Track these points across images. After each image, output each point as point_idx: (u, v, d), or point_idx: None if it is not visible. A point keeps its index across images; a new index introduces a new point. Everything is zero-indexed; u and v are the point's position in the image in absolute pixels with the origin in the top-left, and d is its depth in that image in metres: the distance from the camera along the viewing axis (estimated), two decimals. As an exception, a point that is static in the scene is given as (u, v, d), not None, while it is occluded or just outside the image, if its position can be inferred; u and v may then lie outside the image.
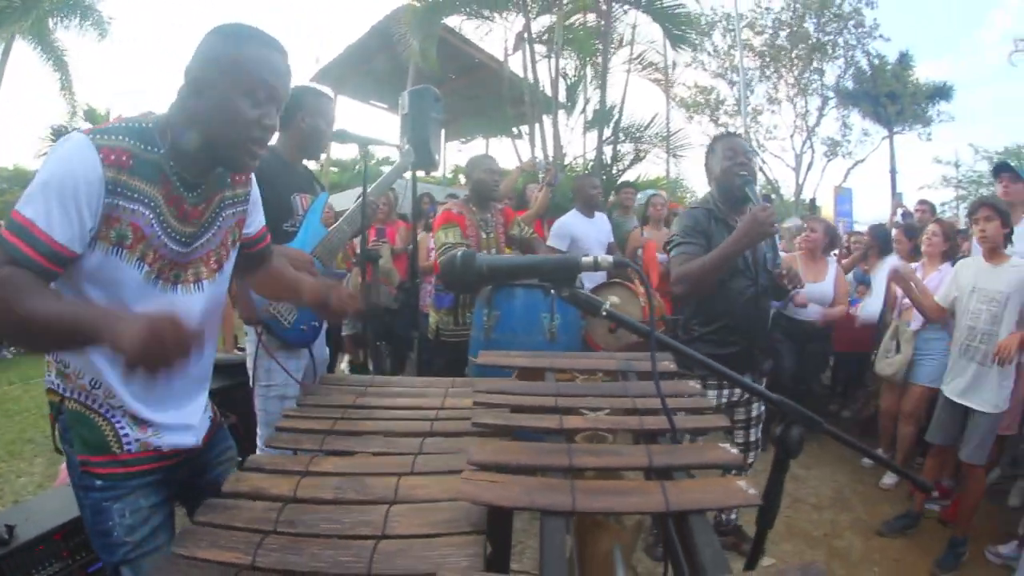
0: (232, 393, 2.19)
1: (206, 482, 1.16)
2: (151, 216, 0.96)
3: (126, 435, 1.03)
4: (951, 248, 3.01)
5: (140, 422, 1.03)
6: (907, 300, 2.94)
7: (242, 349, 2.18)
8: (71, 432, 1.03)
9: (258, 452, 1.73)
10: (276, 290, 1.43)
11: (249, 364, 1.83)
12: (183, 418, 1.11)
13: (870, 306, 3.55)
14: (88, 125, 14.89)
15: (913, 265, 3.16)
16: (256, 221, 1.25)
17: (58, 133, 13.46)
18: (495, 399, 1.18)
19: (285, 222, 1.80)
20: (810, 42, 16.00)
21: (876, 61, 15.98)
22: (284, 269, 1.39)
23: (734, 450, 0.92)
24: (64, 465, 2.39)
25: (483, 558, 0.72)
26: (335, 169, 13.97)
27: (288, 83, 1.04)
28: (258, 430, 1.83)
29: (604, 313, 0.90)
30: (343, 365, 4.37)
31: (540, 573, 0.63)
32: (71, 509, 1.82)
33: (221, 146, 0.99)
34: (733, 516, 2.35)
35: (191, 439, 1.11)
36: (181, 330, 0.79)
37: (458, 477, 0.83)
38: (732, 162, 2.01)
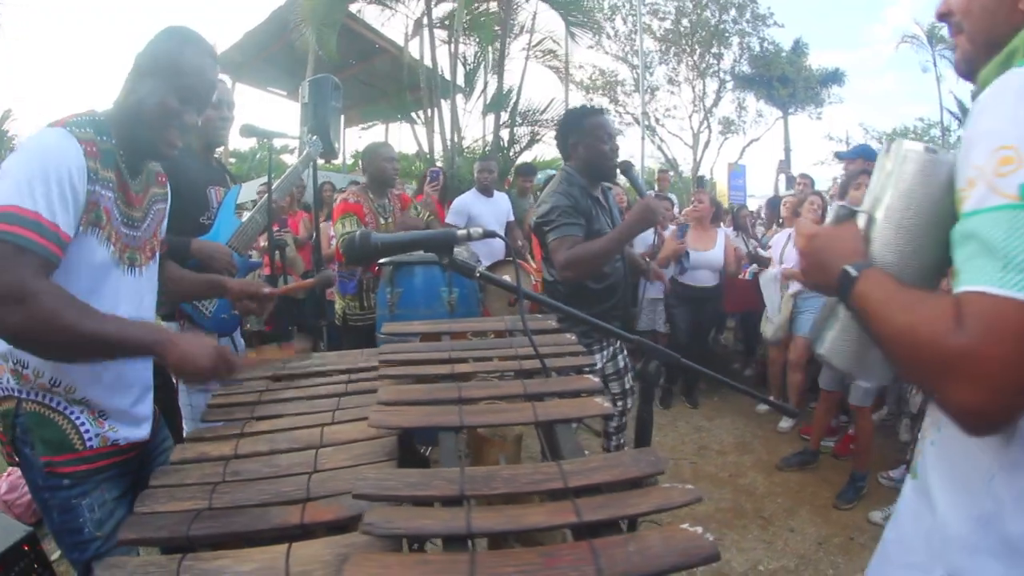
0: (156, 390, 2.18)
1: (152, 470, 1.26)
2: (112, 199, 1.07)
3: (87, 431, 1.09)
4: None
5: (99, 416, 1.11)
6: (783, 267, 3.40)
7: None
8: (31, 435, 1.05)
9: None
10: (184, 290, 1.49)
11: None
12: (138, 414, 1.20)
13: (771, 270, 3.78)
14: None
15: (785, 231, 3.64)
16: (164, 227, 1.33)
17: None
18: (398, 356, 1.41)
19: (202, 215, 1.88)
20: (709, 28, 17.03)
21: (770, 47, 17.37)
22: (187, 273, 1.49)
23: (595, 378, 1.20)
24: None
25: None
26: (233, 160, 13.02)
27: (212, 89, 1.18)
28: (184, 424, 1.87)
29: (477, 275, 1.14)
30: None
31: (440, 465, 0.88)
32: (4, 540, 1.76)
33: (146, 132, 1.10)
34: (618, 442, 2.61)
35: (144, 432, 1.20)
36: (233, 356, 1.05)
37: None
38: (608, 145, 2.03)
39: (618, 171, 2.10)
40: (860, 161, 3.49)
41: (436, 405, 1.07)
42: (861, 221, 0.76)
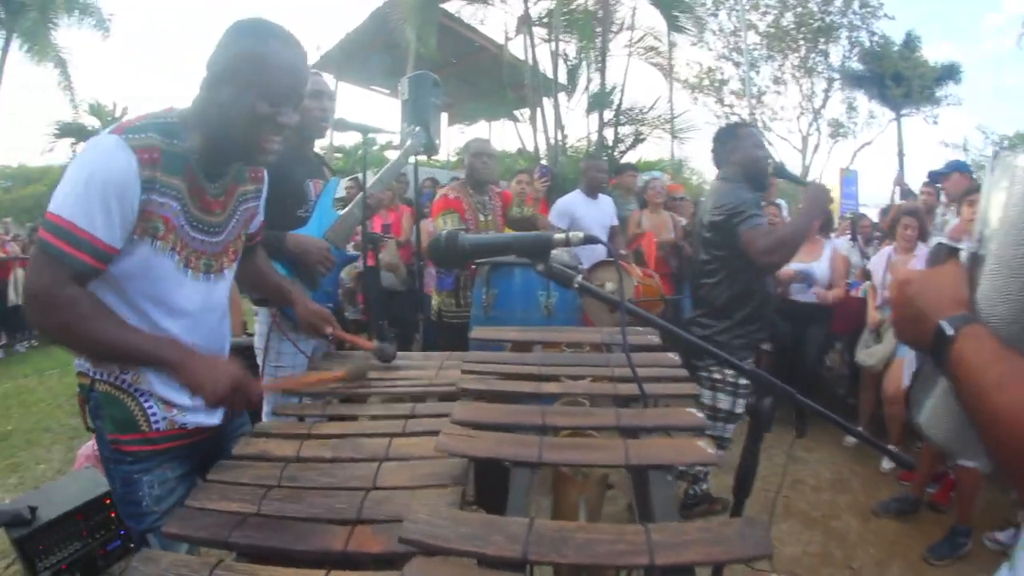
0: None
1: (224, 455, 1.26)
2: (178, 207, 1.02)
3: (154, 414, 1.09)
4: (922, 233, 3.13)
5: (167, 402, 1.09)
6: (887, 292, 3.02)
7: (251, 334, 2.26)
8: (102, 412, 1.09)
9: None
10: (258, 287, 1.51)
11: (259, 345, 1.91)
12: None
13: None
14: (95, 120, 14.95)
15: (885, 250, 3.24)
16: (259, 218, 1.31)
17: (64, 129, 13.68)
18: (482, 368, 1.27)
19: (299, 208, 1.86)
20: (814, 23, 15.68)
21: (881, 41, 15.67)
22: (271, 272, 1.48)
23: (700, 414, 0.99)
24: (81, 451, 2.54)
25: (458, 507, 0.81)
26: (339, 155, 14.04)
27: (305, 80, 1.07)
28: (263, 409, 1.84)
29: (576, 285, 0.97)
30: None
31: (505, 514, 0.71)
32: (90, 491, 1.97)
33: (237, 141, 1.02)
34: (704, 486, 2.41)
35: (214, 419, 1.17)
36: (252, 387, 1.02)
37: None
38: (762, 152, 2.22)
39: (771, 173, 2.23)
40: (956, 178, 2.86)
41: (514, 432, 0.91)
42: (964, 260, 0.61)
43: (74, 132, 13.62)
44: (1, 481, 3.09)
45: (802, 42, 16.17)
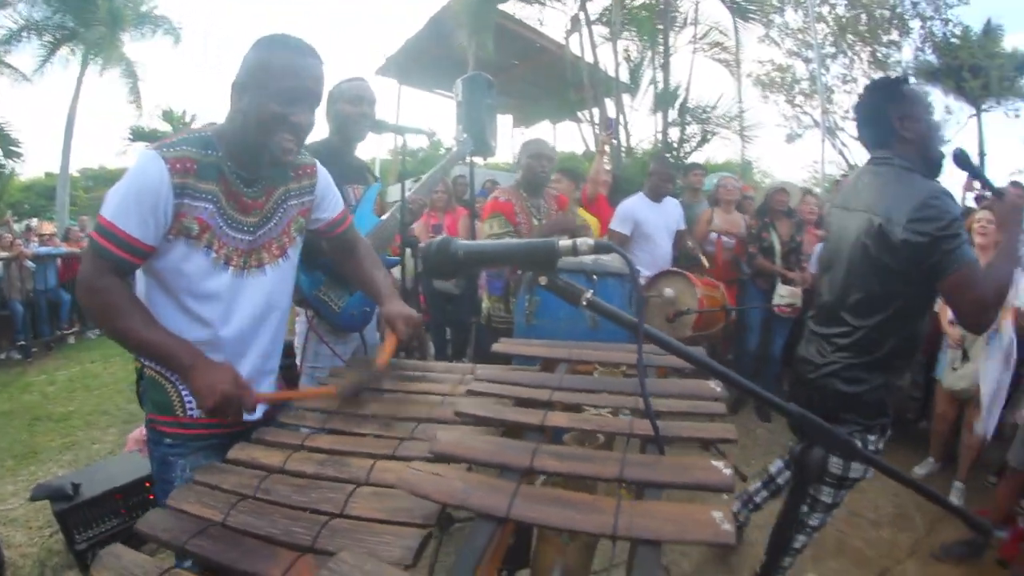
0: (283, 373, 2.37)
1: None
2: (213, 210, 1.13)
3: (189, 401, 1.19)
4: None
5: None
6: None
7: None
8: (147, 394, 1.24)
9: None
10: (360, 285, 1.55)
11: (297, 344, 1.95)
12: None
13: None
14: (167, 125, 16.48)
15: None
16: (331, 206, 1.41)
17: (137, 133, 15.10)
18: (491, 388, 1.17)
19: None
20: (883, 12, 14.13)
21: (958, 30, 13.81)
22: (370, 270, 1.48)
23: (727, 470, 0.82)
24: (131, 435, 2.74)
25: (416, 552, 0.72)
26: (411, 159, 14.48)
27: (320, 83, 1.16)
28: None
29: (584, 303, 0.85)
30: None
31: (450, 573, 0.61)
32: (132, 473, 2.10)
33: (257, 144, 1.13)
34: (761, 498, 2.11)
35: (253, 413, 1.21)
36: (246, 399, 1.04)
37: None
38: (938, 125, 1.63)
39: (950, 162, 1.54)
40: None
41: (494, 472, 0.80)
42: None
43: (147, 136, 14.73)
44: (57, 457, 3.39)
45: (871, 35, 14.64)
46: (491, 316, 2.88)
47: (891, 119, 1.54)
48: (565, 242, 0.83)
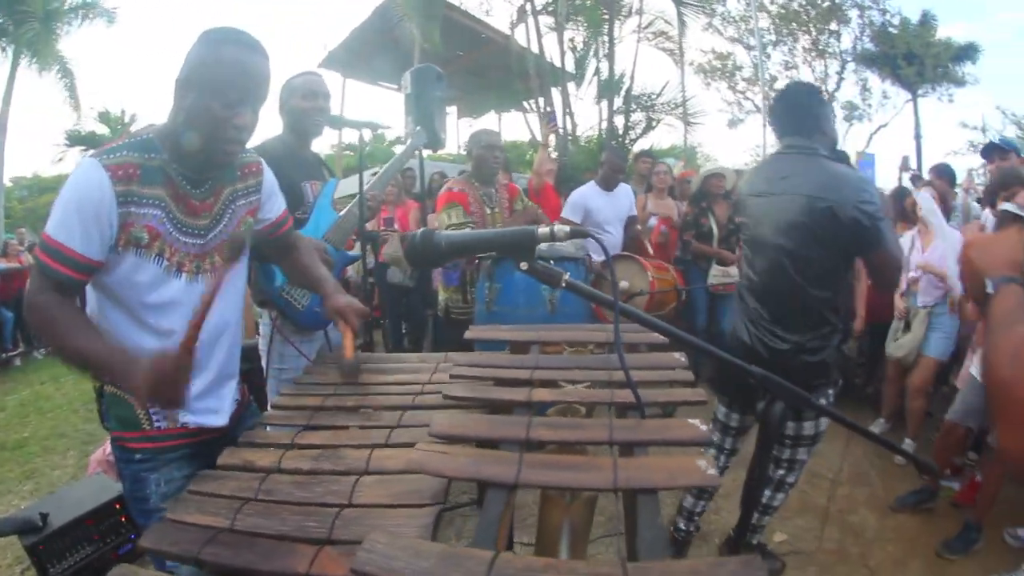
0: (246, 376, 2.30)
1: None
2: (162, 215, 1.08)
3: (155, 413, 1.15)
4: (944, 210, 3.01)
5: None
6: (912, 275, 2.93)
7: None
8: (109, 412, 1.18)
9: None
10: (301, 282, 1.54)
11: (263, 347, 1.90)
12: (210, 404, 1.21)
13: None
14: (104, 127, 15.19)
15: (908, 234, 3.08)
16: (274, 207, 1.36)
17: (73, 138, 13.98)
18: (473, 372, 1.22)
19: (296, 210, 1.81)
20: (824, 3, 15.15)
21: (895, 20, 15.19)
22: (312, 265, 1.46)
23: (703, 427, 0.92)
24: (93, 456, 2.58)
25: (433, 528, 0.77)
26: (349, 152, 14.06)
27: (265, 82, 1.11)
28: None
29: (563, 284, 0.91)
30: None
31: (474, 541, 0.66)
32: (100, 496, 2.00)
33: (200, 144, 1.08)
34: (701, 508, 2.15)
35: (219, 420, 1.22)
36: (175, 360, 0.89)
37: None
38: None
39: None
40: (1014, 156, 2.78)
41: (496, 447, 0.86)
42: None
43: (84, 141, 13.83)
44: (17, 488, 3.14)
45: (811, 24, 15.73)
46: (449, 307, 2.90)
47: (817, 114, 1.79)
48: (543, 229, 0.89)
